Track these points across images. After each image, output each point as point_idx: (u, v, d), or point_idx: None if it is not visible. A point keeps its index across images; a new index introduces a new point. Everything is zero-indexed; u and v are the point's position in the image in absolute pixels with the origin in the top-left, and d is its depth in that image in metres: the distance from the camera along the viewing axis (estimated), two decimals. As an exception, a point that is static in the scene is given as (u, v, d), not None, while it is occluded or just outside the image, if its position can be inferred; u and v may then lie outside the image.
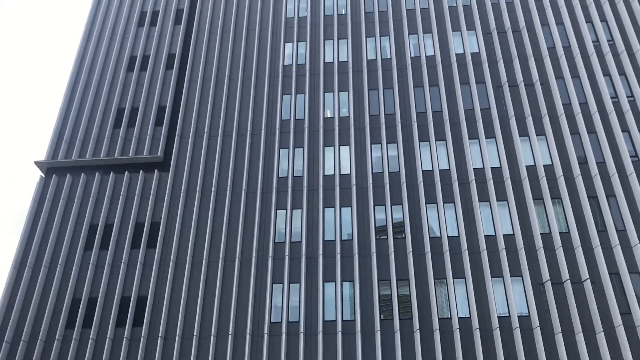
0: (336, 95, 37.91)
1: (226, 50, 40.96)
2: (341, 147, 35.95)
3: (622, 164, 32.80)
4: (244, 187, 34.43)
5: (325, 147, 36.01)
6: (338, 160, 35.35)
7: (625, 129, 34.03)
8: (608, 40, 37.60)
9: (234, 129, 36.88)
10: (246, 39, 41.40)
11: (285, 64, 39.87)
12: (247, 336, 29.42)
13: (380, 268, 31.16)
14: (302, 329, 29.52)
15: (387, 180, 33.97)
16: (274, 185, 34.38)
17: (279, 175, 34.99)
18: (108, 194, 34.99)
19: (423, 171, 34.19)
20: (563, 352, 27.49)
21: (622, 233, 30.67)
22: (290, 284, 31.16)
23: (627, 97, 35.10)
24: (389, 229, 32.24)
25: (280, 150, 36.03)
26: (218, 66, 40.13)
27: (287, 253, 31.96)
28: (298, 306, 30.37)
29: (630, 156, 32.94)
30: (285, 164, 35.48)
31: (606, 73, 36.24)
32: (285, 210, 33.60)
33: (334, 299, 30.43)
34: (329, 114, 37.44)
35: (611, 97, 35.22)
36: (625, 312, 28.27)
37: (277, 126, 36.86)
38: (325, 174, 34.89)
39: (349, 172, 34.76)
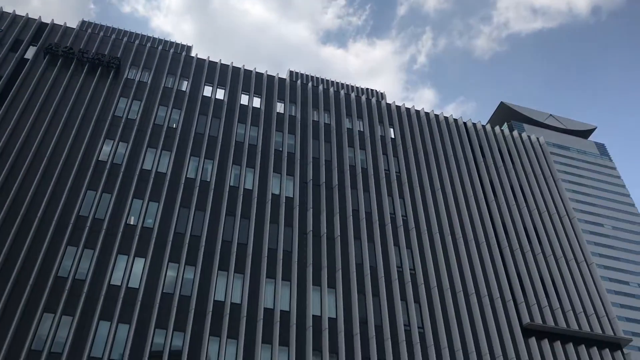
0: (145, 203, 36.61)
1: (39, 129, 38.06)
2: (136, 257, 34.06)
3: (396, 330, 35.25)
4: (11, 281, 30.43)
5: (119, 255, 33.84)
6: (129, 271, 33.25)
7: (403, 297, 37.09)
8: (402, 216, 42.03)
9: (21, 213, 33.29)
10: (65, 124, 39.04)
11: (99, 159, 38.03)
12: None
13: (144, 398, 28.59)
14: None
15: (175, 303, 32.47)
16: (48, 286, 30.94)
17: (58, 274, 31.73)
18: None
19: (215, 301, 33.39)
20: None
21: (385, 397, 32.10)
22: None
23: (410, 269, 38.76)
24: (165, 355, 30.23)
25: (68, 247, 33.06)
26: (25, 141, 36.89)
27: (41, 364, 28.13)
28: None
29: (404, 324, 35.62)
30: (69, 263, 32.43)
31: (396, 244, 40.00)
32: (54, 315, 30.10)
33: None
34: (132, 221, 35.74)
35: (397, 267, 38.62)
36: None
37: (72, 221, 34.10)
38: (112, 283, 32.44)
39: (137, 287, 32.69)
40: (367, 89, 60.34)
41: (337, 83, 59.24)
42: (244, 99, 46.84)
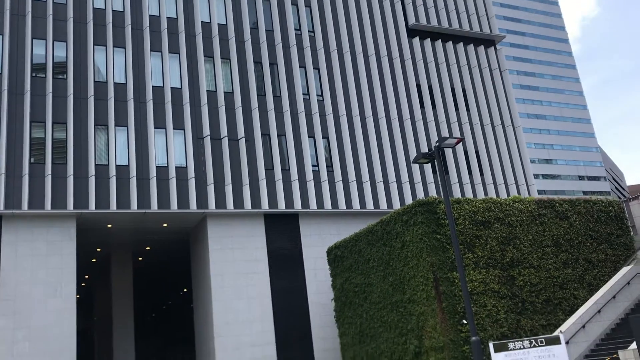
0: None
1: None
2: (-6, -39, 30.16)
3: (287, 34, 35.55)
4: None
5: (-28, -42, 29.77)
6: (-10, -23, 29.74)
7: (294, 2, 36.54)
8: None
9: None
10: None
11: None
12: None
13: (35, 109, 28.48)
14: None
15: (50, 11, 30.19)
16: None
17: None
18: None
19: (94, 9, 31.36)
20: (212, 199, 30.23)
21: (277, 99, 33.98)
22: None
23: (301, -29, 37.44)
24: (48, 65, 29.29)
25: None
26: None
27: None
28: None
29: (295, 29, 35.85)
30: None
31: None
32: None
33: (-26, 139, 26.97)
34: None
35: (288, -31, 37.08)
36: (269, 169, 32.22)
37: None
38: (-29, -9, 29.18)
39: (2, -5, 29.69)
40: None
41: None
42: None
